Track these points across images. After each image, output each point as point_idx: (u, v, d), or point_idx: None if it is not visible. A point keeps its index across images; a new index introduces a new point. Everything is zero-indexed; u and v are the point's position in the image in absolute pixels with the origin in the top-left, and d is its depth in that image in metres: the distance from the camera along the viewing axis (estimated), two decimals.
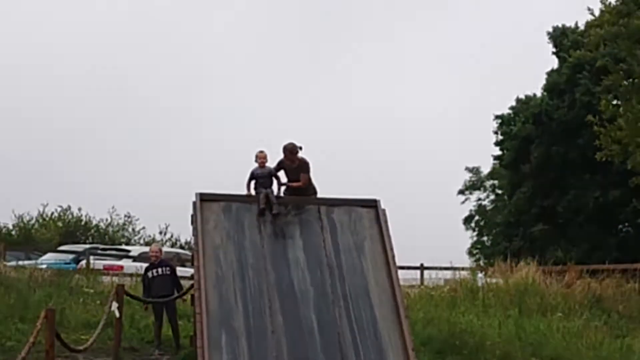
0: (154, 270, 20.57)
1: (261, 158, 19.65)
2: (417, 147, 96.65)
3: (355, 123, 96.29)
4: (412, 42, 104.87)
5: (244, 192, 19.49)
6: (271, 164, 19.80)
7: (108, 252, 40.93)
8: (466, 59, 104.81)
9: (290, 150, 19.76)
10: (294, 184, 19.70)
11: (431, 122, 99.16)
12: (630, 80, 13.75)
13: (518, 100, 50.43)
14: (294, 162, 19.77)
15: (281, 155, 19.90)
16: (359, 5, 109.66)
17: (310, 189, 19.90)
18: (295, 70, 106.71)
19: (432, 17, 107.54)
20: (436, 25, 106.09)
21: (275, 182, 19.66)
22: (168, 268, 20.68)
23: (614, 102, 14.75)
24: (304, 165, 19.85)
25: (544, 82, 48.69)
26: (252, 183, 19.45)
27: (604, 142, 13.75)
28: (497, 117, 51.15)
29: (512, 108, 50.50)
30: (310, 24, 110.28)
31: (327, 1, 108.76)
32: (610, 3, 14.42)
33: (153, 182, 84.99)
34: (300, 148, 19.83)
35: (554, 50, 49.52)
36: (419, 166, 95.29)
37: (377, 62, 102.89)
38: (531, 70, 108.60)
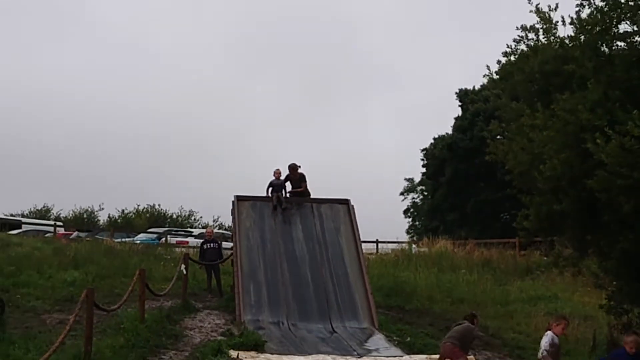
0: (208, 244, 20.60)
1: (277, 173, 19.92)
2: (377, 166, 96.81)
3: (339, 150, 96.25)
4: (374, 103, 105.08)
5: (264, 194, 19.61)
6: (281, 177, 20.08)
7: (179, 232, 40.91)
8: (405, 112, 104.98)
9: (293, 168, 20.04)
10: (298, 190, 19.85)
11: (385, 151, 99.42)
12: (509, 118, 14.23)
13: (435, 137, 50.59)
14: (296, 176, 19.98)
15: (287, 172, 20.16)
16: (342, 78, 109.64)
17: (306, 192, 20.02)
18: (300, 118, 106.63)
19: (386, 88, 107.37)
20: (388, 93, 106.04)
21: (284, 189, 19.85)
22: (216, 243, 20.68)
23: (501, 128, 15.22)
24: (302, 177, 20.05)
25: (452, 124, 48.83)
26: (270, 189, 19.57)
27: (491, 149, 14.13)
28: (423, 149, 51.20)
29: (432, 142, 50.53)
30: (310, 92, 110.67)
31: (323, 78, 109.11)
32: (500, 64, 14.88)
33: (207, 188, 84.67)
34: (299, 166, 20.06)
35: (460, 103, 49.57)
36: (376, 177, 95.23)
37: (354, 113, 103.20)
38: (444, 117, 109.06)
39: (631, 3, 12.32)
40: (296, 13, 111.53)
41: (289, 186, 20.14)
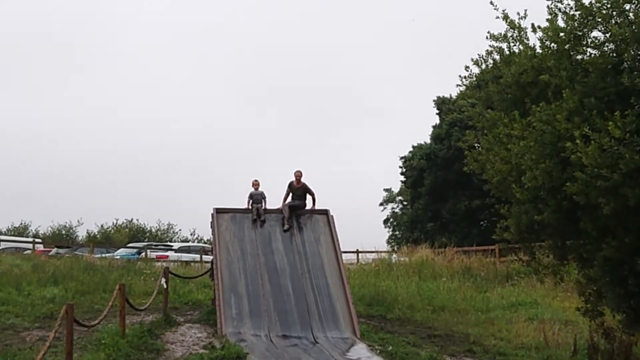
0: None
1: (255, 184, 19.72)
2: (360, 178, 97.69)
3: (333, 173, 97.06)
4: (367, 128, 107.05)
5: (245, 206, 19.51)
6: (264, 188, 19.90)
7: (158, 246, 40.81)
8: (386, 126, 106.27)
9: (298, 176, 19.51)
10: (299, 205, 19.46)
11: (370, 166, 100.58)
12: (484, 127, 14.17)
13: (414, 146, 50.67)
14: (299, 184, 19.60)
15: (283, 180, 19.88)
16: (342, 113, 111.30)
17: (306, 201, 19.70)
18: (299, 146, 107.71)
19: (376, 115, 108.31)
20: (376, 114, 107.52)
21: (264, 200, 19.64)
22: None
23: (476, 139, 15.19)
24: (307, 188, 19.54)
25: (430, 133, 48.96)
26: (250, 201, 19.48)
27: (469, 160, 14.16)
28: (402, 157, 51.26)
29: (411, 151, 50.62)
30: (310, 121, 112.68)
31: (323, 110, 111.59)
32: (472, 75, 14.87)
33: (187, 200, 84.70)
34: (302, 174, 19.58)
35: (437, 112, 49.77)
36: (358, 189, 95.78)
37: (347, 142, 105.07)
38: (422, 126, 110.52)
39: (603, 11, 12.43)
40: (294, 61, 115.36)
41: (271, 197, 19.98)
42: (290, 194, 19.53)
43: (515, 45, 14.24)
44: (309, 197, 19.54)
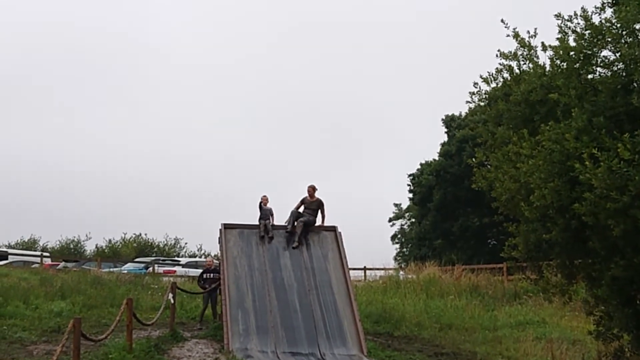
0: (208, 274, 20.46)
1: (264, 200, 19.72)
2: (368, 196, 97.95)
3: (341, 190, 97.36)
4: (376, 147, 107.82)
5: (256, 220, 19.50)
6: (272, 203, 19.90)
7: (166, 261, 40.79)
8: (396, 144, 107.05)
9: (312, 189, 19.58)
10: (308, 220, 19.44)
11: (380, 186, 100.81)
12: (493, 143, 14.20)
13: (422, 163, 50.63)
14: (313, 198, 19.62)
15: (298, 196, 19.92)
16: (355, 144, 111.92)
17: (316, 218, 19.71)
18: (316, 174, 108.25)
19: (386, 133, 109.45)
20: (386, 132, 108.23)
21: (272, 216, 19.64)
22: (217, 273, 20.37)
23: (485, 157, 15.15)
24: (320, 205, 19.63)
25: (438, 150, 48.89)
26: (258, 217, 19.50)
27: (477, 178, 14.19)
28: (410, 175, 51.24)
29: (419, 168, 50.58)
30: (327, 148, 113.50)
31: (339, 138, 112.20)
32: (480, 92, 14.91)
33: (195, 216, 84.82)
34: (317, 189, 19.66)
35: (446, 130, 49.74)
36: (366, 206, 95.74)
37: (356, 159, 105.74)
38: (429, 143, 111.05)
39: (613, 31, 12.45)
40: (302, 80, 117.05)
41: (277, 212, 19.96)
42: (303, 208, 19.59)
43: (525, 63, 14.26)
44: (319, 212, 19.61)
